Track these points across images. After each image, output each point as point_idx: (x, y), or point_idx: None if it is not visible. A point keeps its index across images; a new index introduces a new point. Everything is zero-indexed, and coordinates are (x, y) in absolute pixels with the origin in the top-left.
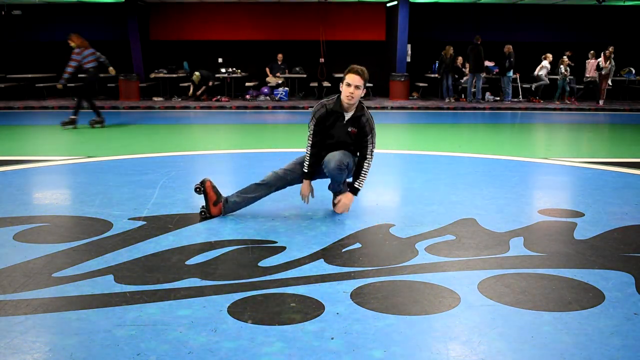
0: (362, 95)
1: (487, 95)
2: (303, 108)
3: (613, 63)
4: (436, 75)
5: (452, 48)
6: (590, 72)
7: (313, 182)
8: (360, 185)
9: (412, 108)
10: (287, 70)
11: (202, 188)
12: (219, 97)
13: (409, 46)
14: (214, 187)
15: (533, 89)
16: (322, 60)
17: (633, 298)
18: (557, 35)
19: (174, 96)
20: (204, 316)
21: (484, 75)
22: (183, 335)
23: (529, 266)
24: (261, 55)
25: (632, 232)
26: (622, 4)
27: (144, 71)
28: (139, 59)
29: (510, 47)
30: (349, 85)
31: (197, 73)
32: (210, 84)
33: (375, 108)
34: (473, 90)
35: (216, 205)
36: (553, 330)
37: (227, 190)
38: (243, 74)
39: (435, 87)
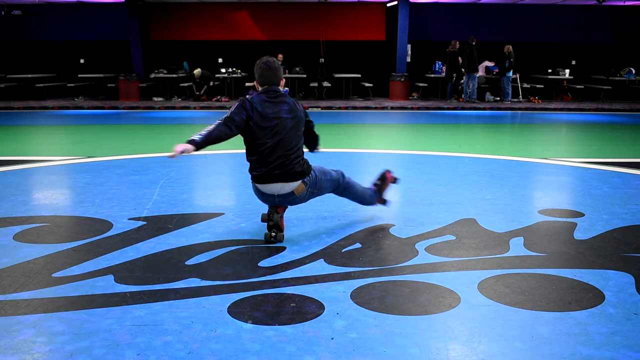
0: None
1: (487, 95)
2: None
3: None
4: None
5: (458, 42)
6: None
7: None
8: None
9: (412, 108)
10: (287, 71)
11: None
12: (219, 97)
13: (409, 46)
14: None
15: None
16: (322, 60)
17: (633, 298)
18: (557, 35)
19: (174, 96)
20: (204, 316)
21: (478, 74)
22: (183, 335)
23: (529, 266)
24: (261, 55)
25: (632, 232)
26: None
27: (144, 71)
28: (139, 59)
29: (510, 47)
30: None
31: (198, 69)
32: (211, 83)
33: (376, 108)
34: (469, 90)
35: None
36: (553, 330)
37: (223, 191)
38: (243, 74)
39: (435, 87)
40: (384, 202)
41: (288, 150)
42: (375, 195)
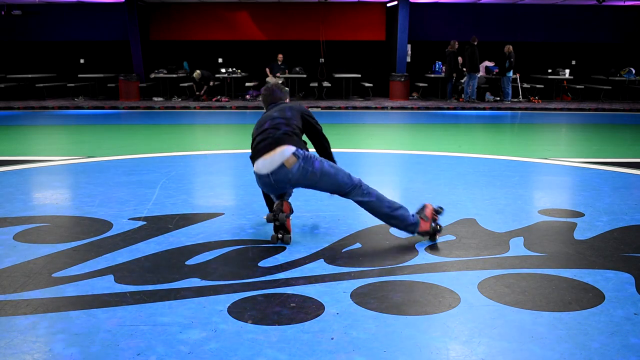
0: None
1: (487, 95)
2: None
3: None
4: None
5: (457, 42)
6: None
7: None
8: None
9: (412, 108)
10: (287, 71)
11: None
12: (219, 97)
13: (409, 46)
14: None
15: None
16: (322, 60)
17: (633, 298)
18: (557, 35)
19: (174, 96)
20: (204, 316)
21: (479, 74)
22: (183, 335)
23: (529, 266)
24: (261, 55)
25: (632, 232)
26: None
27: (144, 71)
28: (139, 59)
29: (510, 47)
30: None
31: (198, 71)
32: (211, 84)
33: (376, 108)
34: (469, 90)
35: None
36: (553, 330)
37: (223, 191)
38: (243, 74)
39: (435, 87)
40: (428, 233)
41: (272, 126)
42: (416, 222)
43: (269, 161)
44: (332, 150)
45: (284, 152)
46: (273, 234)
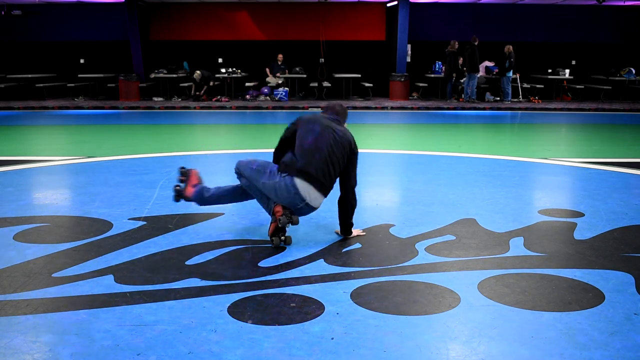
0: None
1: (487, 95)
2: (303, 108)
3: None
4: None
5: (457, 42)
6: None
7: None
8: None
9: (412, 108)
10: (287, 71)
11: (187, 172)
12: (219, 97)
13: (409, 46)
14: (199, 176)
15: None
16: (322, 60)
17: (633, 298)
18: (557, 35)
19: (174, 96)
20: (204, 316)
21: (479, 74)
22: (183, 335)
23: (529, 266)
24: (261, 55)
25: (632, 232)
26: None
27: (144, 71)
28: (139, 59)
29: (510, 47)
30: None
31: (198, 72)
32: (211, 84)
33: (375, 108)
34: (469, 90)
35: (194, 187)
36: (553, 330)
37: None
38: (243, 74)
39: (435, 87)
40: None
41: (332, 161)
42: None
43: (311, 195)
44: None
45: (320, 200)
46: (274, 237)
